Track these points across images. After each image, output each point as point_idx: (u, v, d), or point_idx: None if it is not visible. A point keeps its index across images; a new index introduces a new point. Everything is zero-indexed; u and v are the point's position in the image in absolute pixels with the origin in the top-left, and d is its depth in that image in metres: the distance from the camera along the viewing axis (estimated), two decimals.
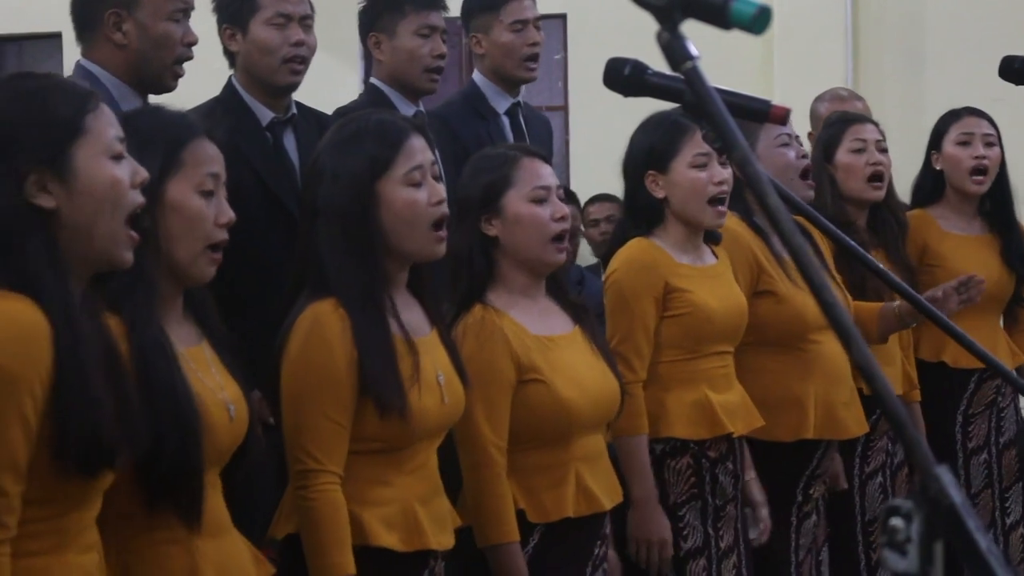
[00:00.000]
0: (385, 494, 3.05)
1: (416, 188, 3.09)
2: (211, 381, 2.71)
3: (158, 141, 2.68)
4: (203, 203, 2.71)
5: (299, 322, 3.02)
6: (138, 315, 2.57)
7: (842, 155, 4.81)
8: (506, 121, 4.97)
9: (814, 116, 5.72)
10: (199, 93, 4.00)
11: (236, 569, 2.72)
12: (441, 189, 3.14)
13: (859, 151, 4.80)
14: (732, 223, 4.16)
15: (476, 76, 5.04)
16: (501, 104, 4.97)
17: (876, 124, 4.93)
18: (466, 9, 5.04)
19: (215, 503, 2.69)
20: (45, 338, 2.20)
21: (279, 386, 3.05)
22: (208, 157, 2.74)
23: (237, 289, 2.83)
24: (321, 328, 3.00)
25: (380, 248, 3.07)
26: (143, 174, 2.41)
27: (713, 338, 3.95)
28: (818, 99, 5.84)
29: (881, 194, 4.81)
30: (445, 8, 4.70)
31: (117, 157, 2.36)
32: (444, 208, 3.13)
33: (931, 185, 5.18)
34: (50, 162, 2.30)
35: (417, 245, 3.11)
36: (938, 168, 5.15)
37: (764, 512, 4.10)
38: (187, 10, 3.71)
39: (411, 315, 3.14)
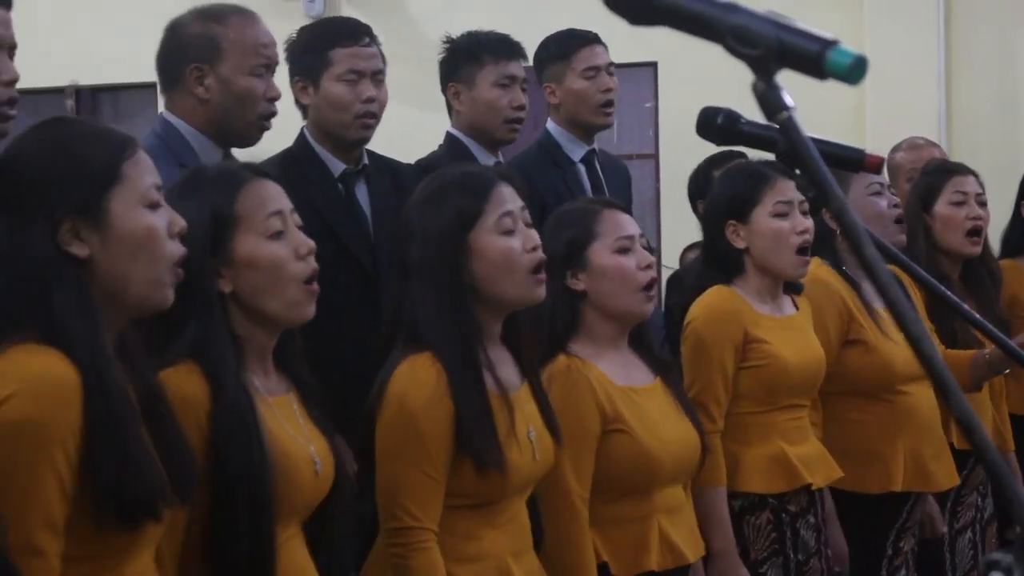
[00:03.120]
0: (478, 549, 3.00)
1: (509, 236, 3.03)
2: (298, 433, 2.64)
3: (206, 205, 2.59)
4: (277, 246, 2.61)
5: (395, 376, 2.96)
6: (220, 368, 2.51)
7: (941, 207, 4.70)
8: (582, 169, 4.93)
9: (891, 165, 5.63)
10: (276, 143, 4.02)
11: None
12: (535, 235, 3.09)
13: (960, 204, 4.70)
14: (823, 272, 4.12)
15: (550, 125, 4.99)
16: (576, 152, 4.93)
17: (976, 176, 4.81)
18: (538, 60, 4.99)
19: (295, 557, 2.62)
20: (75, 391, 2.14)
21: (363, 437, 3.00)
22: (264, 198, 2.64)
23: (306, 337, 2.80)
24: (419, 382, 2.93)
25: (474, 302, 3.02)
26: (180, 223, 2.34)
27: (789, 391, 3.90)
28: (895, 149, 5.76)
29: (978, 250, 4.71)
30: (525, 58, 4.66)
31: (153, 206, 2.30)
32: (541, 253, 3.07)
33: (1019, 236, 5.12)
34: (85, 210, 2.24)
35: (517, 292, 3.04)
36: None
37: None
38: (270, 65, 3.66)
39: (504, 369, 3.08)
